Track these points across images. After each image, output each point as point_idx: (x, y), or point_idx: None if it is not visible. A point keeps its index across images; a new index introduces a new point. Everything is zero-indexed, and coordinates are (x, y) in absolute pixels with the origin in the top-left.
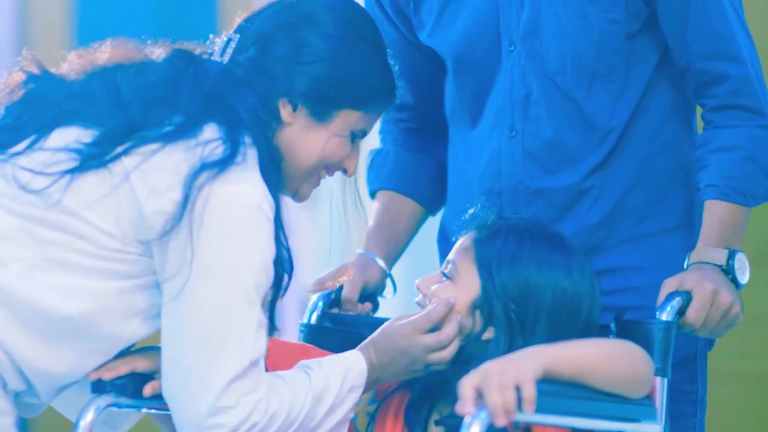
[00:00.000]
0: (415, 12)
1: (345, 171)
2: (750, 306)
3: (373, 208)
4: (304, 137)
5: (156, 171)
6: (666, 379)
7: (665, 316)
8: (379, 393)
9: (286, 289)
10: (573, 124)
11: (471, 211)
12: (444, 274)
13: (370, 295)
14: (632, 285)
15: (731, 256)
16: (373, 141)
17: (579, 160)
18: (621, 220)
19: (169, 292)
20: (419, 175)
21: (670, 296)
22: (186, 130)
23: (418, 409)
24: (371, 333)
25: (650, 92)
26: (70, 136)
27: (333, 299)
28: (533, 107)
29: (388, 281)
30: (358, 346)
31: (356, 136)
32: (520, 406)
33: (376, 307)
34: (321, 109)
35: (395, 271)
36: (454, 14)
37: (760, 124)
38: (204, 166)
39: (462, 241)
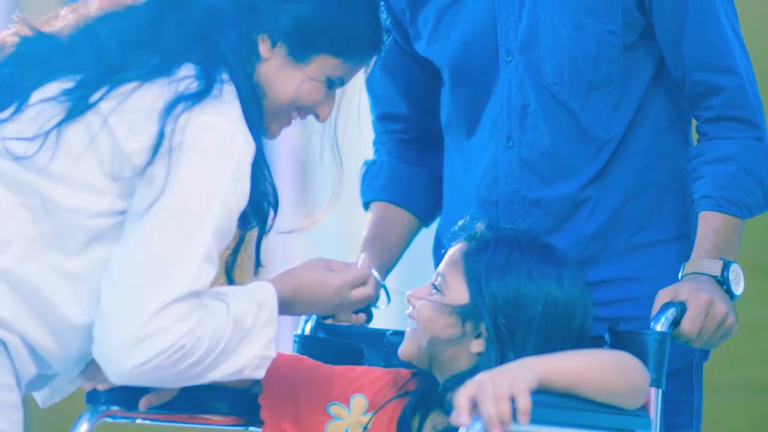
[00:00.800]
0: (411, 22)
1: (317, 116)
2: (744, 316)
3: (366, 218)
4: (279, 75)
5: (133, 111)
6: (660, 390)
7: (660, 326)
8: (372, 404)
9: (271, 227)
10: (570, 135)
11: (460, 222)
12: (434, 286)
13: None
14: (628, 296)
15: (726, 267)
16: (367, 151)
17: (576, 171)
18: (617, 231)
19: (137, 214)
20: (413, 186)
21: (665, 307)
22: (162, 69)
23: (411, 421)
24: (365, 344)
25: (647, 103)
26: (52, 90)
27: None
28: (530, 118)
29: (382, 292)
30: (273, 278)
31: (333, 83)
32: (514, 416)
33: (370, 317)
34: (299, 50)
35: (389, 282)
36: (450, 24)
37: (754, 135)
38: (179, 99)
39: (451, 253)
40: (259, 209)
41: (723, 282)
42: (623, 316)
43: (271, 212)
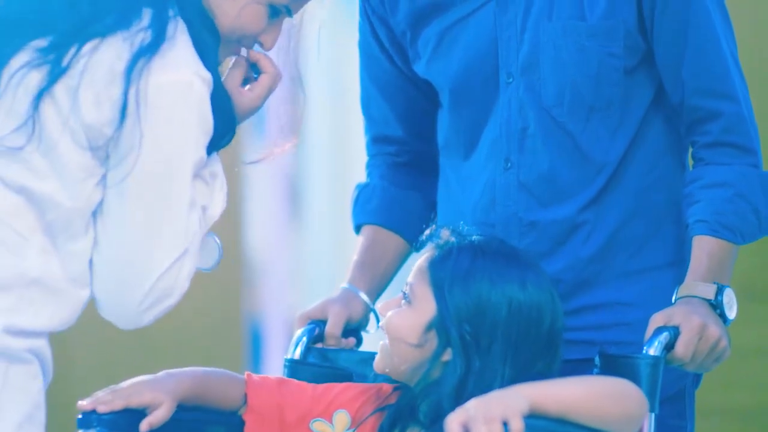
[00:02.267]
0: (412, 43)
1: (262, 45)
2: (736, 341)
3: (357, 242)
4: (221, 1)
5: (96, 77)
6: (653, 414)
7: (653, 351)
8: (354, 420)
9: (228, 142)
10: (569, 158)
11: (427, 231)
12: (404, 297)
13: (354, 329)
14: (623, 320)
15: (720, 291)
16: (359, 174)
17: (573, 194)
18: (613, 255)
19: (115, 181)
20: (406, 210)
21: (658, 331)
22: (121, 21)
23: None
24: (355, 367)
25: (645, 128)
26: (26, 55)
27: (317, 334)
28: (529, 140)
29: (372, 316)
30: None
31: (277, 12)
32: None
33: (359, 341)
34: None
35: (380, 305)
36: (451, 45)
37: (751, 162)
38: (137, 57)
39: (419, 263)
40: (218, 135)
41: (716, 306)
42: (617, 340)
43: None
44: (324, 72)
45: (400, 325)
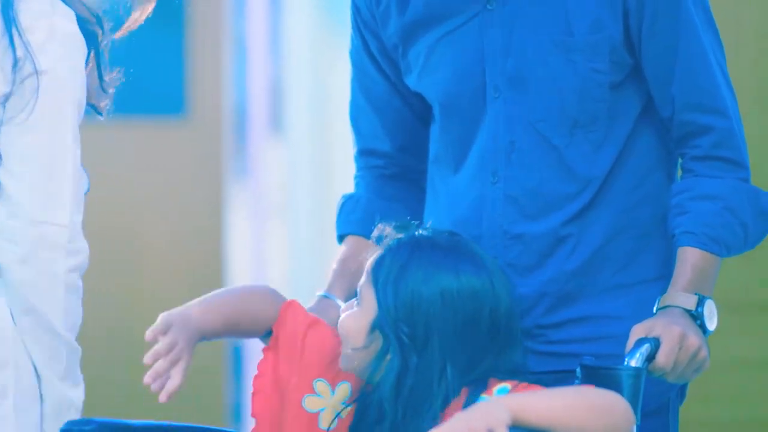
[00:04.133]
0: (403, 56)
1: None
2: (714, 353)
3: (338, 251)
4: None
5: None
6: (635, 426)
7: (634, 362)
8: (351, 398)
9: (100, 44)
10: (555, 172)
11: (375, 232)
12: (356, 297)
13: None
14: (608, 333)
15: (701, 302)
16: (343, 185)
17: (559, 208)
18: (599, 269)
19: (13, 124)
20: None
21: (639, 342)
22: None
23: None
24: None
25: (633, 143)
26: None
27: None
28: (516, 154)
29: None
30: None
31: None
32: None
33: None
34: None
35: None
36: (440, 59)
37: (741, 176)
38: (7, 21)
39: (367, 263)
40: (90, 35)
41: (697, 317)
42: (603, 353)
43: (98, 30)
44: (309, 80)
45: (349, 327)
